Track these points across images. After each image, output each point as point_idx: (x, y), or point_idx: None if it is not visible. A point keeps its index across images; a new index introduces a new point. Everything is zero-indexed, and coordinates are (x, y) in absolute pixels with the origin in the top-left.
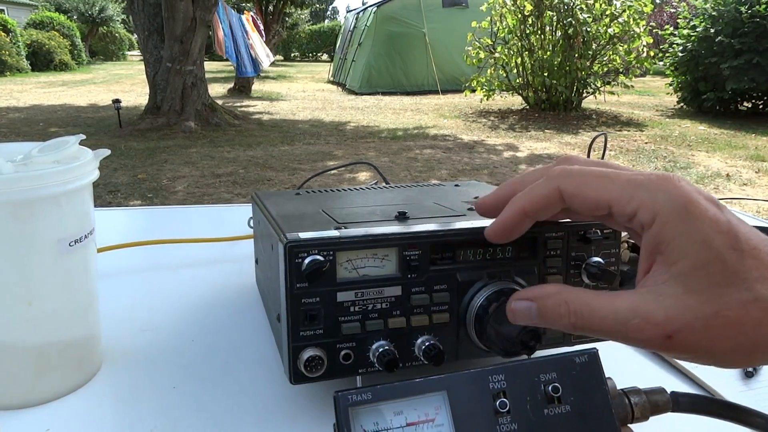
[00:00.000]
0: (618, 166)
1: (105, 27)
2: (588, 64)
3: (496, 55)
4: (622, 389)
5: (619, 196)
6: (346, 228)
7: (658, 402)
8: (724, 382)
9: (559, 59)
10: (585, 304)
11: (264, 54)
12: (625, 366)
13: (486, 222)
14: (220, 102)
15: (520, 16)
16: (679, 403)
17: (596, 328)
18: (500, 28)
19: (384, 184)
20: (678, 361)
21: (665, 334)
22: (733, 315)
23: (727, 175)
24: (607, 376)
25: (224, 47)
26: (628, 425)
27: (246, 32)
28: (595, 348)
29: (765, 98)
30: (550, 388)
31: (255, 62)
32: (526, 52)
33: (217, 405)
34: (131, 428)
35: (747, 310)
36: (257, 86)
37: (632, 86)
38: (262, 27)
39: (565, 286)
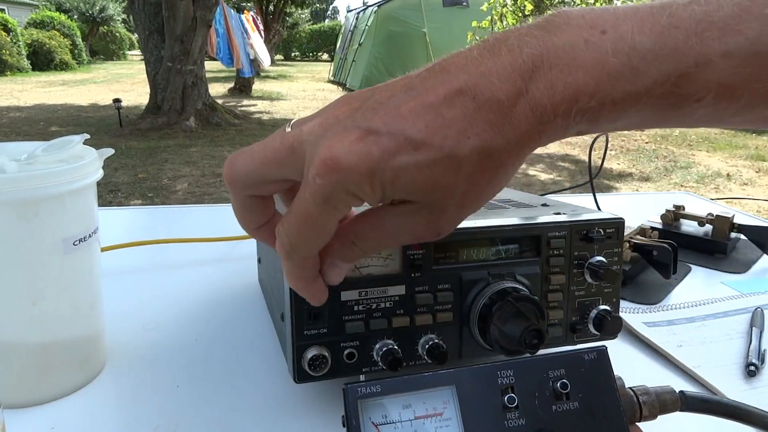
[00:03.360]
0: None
1: (105, 26)
2: None
3: None
4: (631, 387)
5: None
6: None
7: (666, 401)
8: (727, 380)
9: None
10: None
11: (264, 53)
12: (629, 365)
13: (486, 221)
14: (220, 101)
15: (520, 15)
16: (687, 402)
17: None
18: (500, 27)
19: None
20: (681, 361)
21: None
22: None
23: (728, 174)
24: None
25: (215, 49)
26: (637, 424)
27: (246, 32)
28: (604, 346)
29: None
30: (558, 384)
31: (254, 62)
32: None
33: (221, 404)
34: (135, 426)
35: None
36: (257, 86)
37: None
38: (261, 27)
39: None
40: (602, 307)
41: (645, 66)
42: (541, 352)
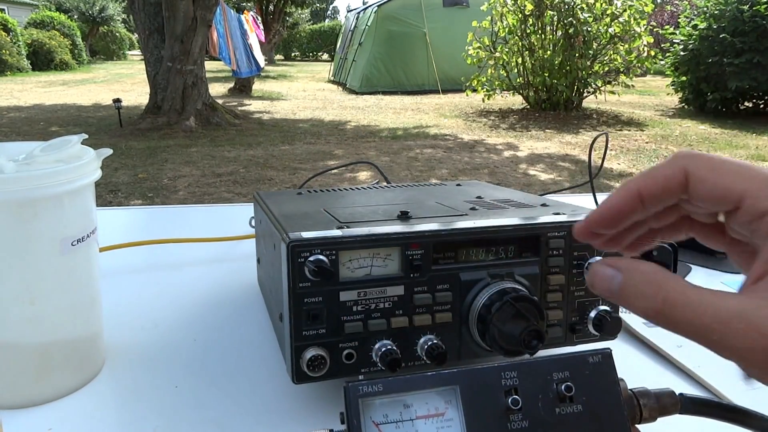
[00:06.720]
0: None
1: (105, 26)
2: (589, 63)
3: (497, 54)
4: (631, 390)
5: (758, 189)
6: (348, 227)
7: (666, 404)
8: (727, 382)
9: (560, 59)
10: (681, 293)
11: (260, 56)
12: (628, 366)
13: (485, 221)
14: (220, 101)
15: (520, 15)
16: (687, 405)
17: (686, 321)
18: (501, 27)
19: (385, 183)
20: (681, 361)
21: None
22: None
23: None
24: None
25: (218, 48)
26: (636, 426)
27: (245, 32)
28: (608, 348)
29: (766, 98)
30: (562, 387)
31: (255, 62)
32: (527, 52)
33: (219, 404)
34: (133, 427)
35: None
36: (258, 86)
37: (633, 86)
38: (261, 27)
39: (662, 268)
40: (602, 307)
41: None
42: (544, 353)
